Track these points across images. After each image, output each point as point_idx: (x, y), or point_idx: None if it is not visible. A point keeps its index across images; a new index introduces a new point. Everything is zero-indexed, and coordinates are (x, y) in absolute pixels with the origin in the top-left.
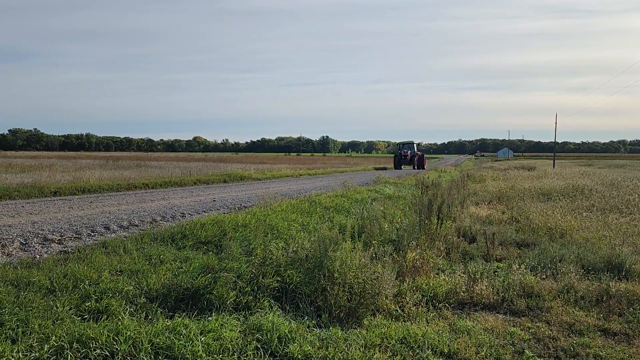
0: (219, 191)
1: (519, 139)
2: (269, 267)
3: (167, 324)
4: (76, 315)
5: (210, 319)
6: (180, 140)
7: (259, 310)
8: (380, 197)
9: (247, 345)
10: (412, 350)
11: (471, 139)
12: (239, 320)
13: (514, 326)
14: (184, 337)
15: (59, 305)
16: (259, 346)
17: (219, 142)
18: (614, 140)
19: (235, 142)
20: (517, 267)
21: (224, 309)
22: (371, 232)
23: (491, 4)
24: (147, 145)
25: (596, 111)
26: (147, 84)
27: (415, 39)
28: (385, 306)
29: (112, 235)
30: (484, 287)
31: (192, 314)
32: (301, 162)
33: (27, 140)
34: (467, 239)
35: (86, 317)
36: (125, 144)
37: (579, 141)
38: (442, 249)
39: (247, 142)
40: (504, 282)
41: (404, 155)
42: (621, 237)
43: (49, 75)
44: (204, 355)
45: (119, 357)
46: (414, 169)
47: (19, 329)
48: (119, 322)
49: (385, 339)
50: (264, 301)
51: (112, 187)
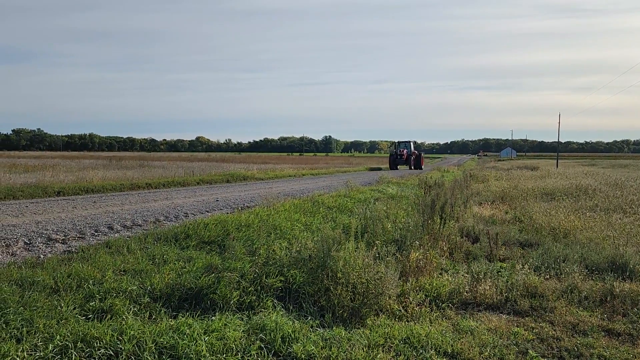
0: (222, 191)
1: (522, 138)
2: (272, 267)
3: (171, 323)
4: (80, 314)
5: (213, 318)
6: (183, 140)
7: (263, 310)
8: (383, 197)
9: (250, 345)
10: (416, 350)
11: (474, 139)
12: (243, 320)
13: (517, 326)
14: (187, 336)
15: (63, 304)
16: (263, 346)
17: (222, 142)
18: (618, 140)
19: (238, 142)
20: (521, 267)
21: (227, 309)
22: (374, 232)
23: (495, 3)
24: (150, 145)
25: (600, 111)
26: (150, 84)
27: (418, 39)
28: (388, 306)
29: (116, 235)
30: (488, 287)
31: (196, 314)
32: (304, 162)
33: (31, 140)
34: (470, 239)
35: (90, 317)
36: (128, 144)
37: (582, 141)
38: (445, 249)
39: (249, 142)
40: (508, 282)
41: (400, 154)
42: (625, 237)
43: (53, 75)
44: (208, 354)
45: (123, 357)
46: (411, 169)
47: (24, 329)
48: (123, 322)
49: (388, 339)
50: (267, 301)
51: (116, 187)
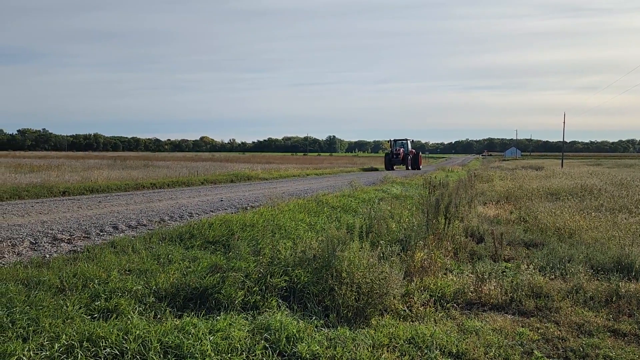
0: (226, 191)
1: (527, 138)
2: (277, 266)
3: (176, 323)
4: (86, 314)
5: (218, 318)
6: (187, 140)
7: (267, 309)
8: (387, 196)
9: (255, 344)
10: (420, 350)
11: (478, 139)
12: (247, 319)
13: (522, 326)
14: (192, 336)
15: (69, 304)
16: (267, 345)
17: (226, 142)
18: (623, 139)
19: (242, 142)
20: (526, 267)
21: (232, 309)
22: (379, 231)
23: (500, 3)
24: (155, 145)
25: (605, 110)
26: (154, 84)
27: (423, 39)
28: (393, 306)
29: (121, 234)
30: (492, 287)
31: (201, 313)
32: (308, 162)
33: (36, 140)
34: (475, 239)
35: (96, 316)
36: (132, 144)
37: (587, 140)
38: (449, 249)
39: (254, 142)
40: (513, 282)
41: (396, 153)
42: (631, 237)
43: (58, 75)
44: (213, 354)
45: (128, 356)
46: (408, 169)
47: (30, 328)
48: (128, 321)
49: (393, 339)
50: (272, 301)
51: (120, 187)
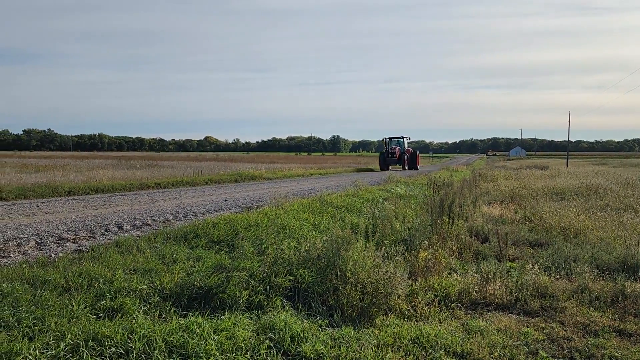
0: (231, 191)
1: (532, 137)
2: (281, 266)
3: (181, 322)
4: (91, 313)
5: (223, 317)
6: (191, 140)
7: (272, 309)
8: (391, 196)
9: (259, 344)
10: (425, 350)
11: (483, 138)
12: (252, 319)
13: (527, 326)
14: (197, 335)
15: (74, 303)
16: (272, 345)
17: (230, 141)
18: (629, 138)
19: (246, 142)
20: (531, 267)
21: (236, 308)
22: (383, 231)
23: (505, 1)
24: (159, 145)
25: (611, 109)
26: (158, 84)
27: (427, 38)
28: (397, 306)
29: (126, 234)
30: (497, 287)
31: (205, 313)
32: (312, 162)
33: (41, 140)
34: (479, 239)
35: (101, 316)
36: (137, 144)
37: (592, 140)
38: (454, 248)
39: (258, 142)
40: (517, 282)
41: (392, 152)
42: (636, 236)
43: (63, 76)
44: (217, 353)
45: (133, 355)
46: (404, 169)
47: (36, 327)
48: (133, 321)
49: (397, 339)
50: (276, 300)
51: (125, 187)
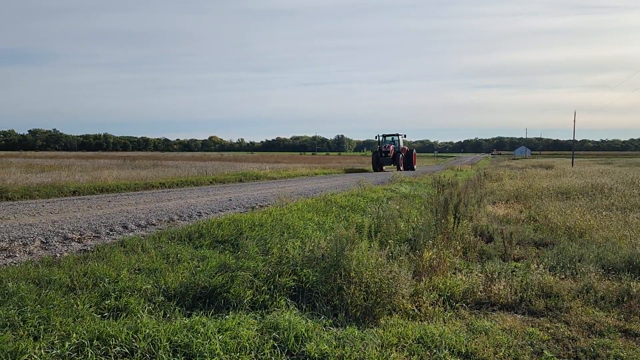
0: (235, 190)
1: (537, 137)
2: (286, 266)
3: (185, 322)
4: (96, 313)
5: (227, 317)
6: (196, 139)
7: (276, 309)
8: (395, 196)
9: (264, 343)
10: (429, 350)
11: (488, 138)
12: (256, 319)
13: (532, 326)
14: (201, 335)
15: (79, 303)
16: (276, 345)
17: (235, 141)
18: (635, 138)
19: (250, 142)
20: (536, 266)
21: (240, 308)
22: (387, 231)
23: (510, 1)
24: (164, 145)
25: (616, 108)
26: (163, 84)
27: (431, 37)
28: (401, 305)
29: (130, 234)
30: (502, 287)
31: (210, 313)
32: (316, 162)
33: (47, 140)
34: (484, 238)
35: (106, 315)
36: (142, 144)
37: (598, 139)
38: (458, 248)
39: (262, 142)
40: (522, 281)
41: (385, 151)
42: None
43: (68, 76)
44: (222, 353)
45: (138, 355)
46: (400, 169)
47: (41, 326)
48: (138, 320)
49: (402, 339)
50: (280, 300)
51: (130, 187)
